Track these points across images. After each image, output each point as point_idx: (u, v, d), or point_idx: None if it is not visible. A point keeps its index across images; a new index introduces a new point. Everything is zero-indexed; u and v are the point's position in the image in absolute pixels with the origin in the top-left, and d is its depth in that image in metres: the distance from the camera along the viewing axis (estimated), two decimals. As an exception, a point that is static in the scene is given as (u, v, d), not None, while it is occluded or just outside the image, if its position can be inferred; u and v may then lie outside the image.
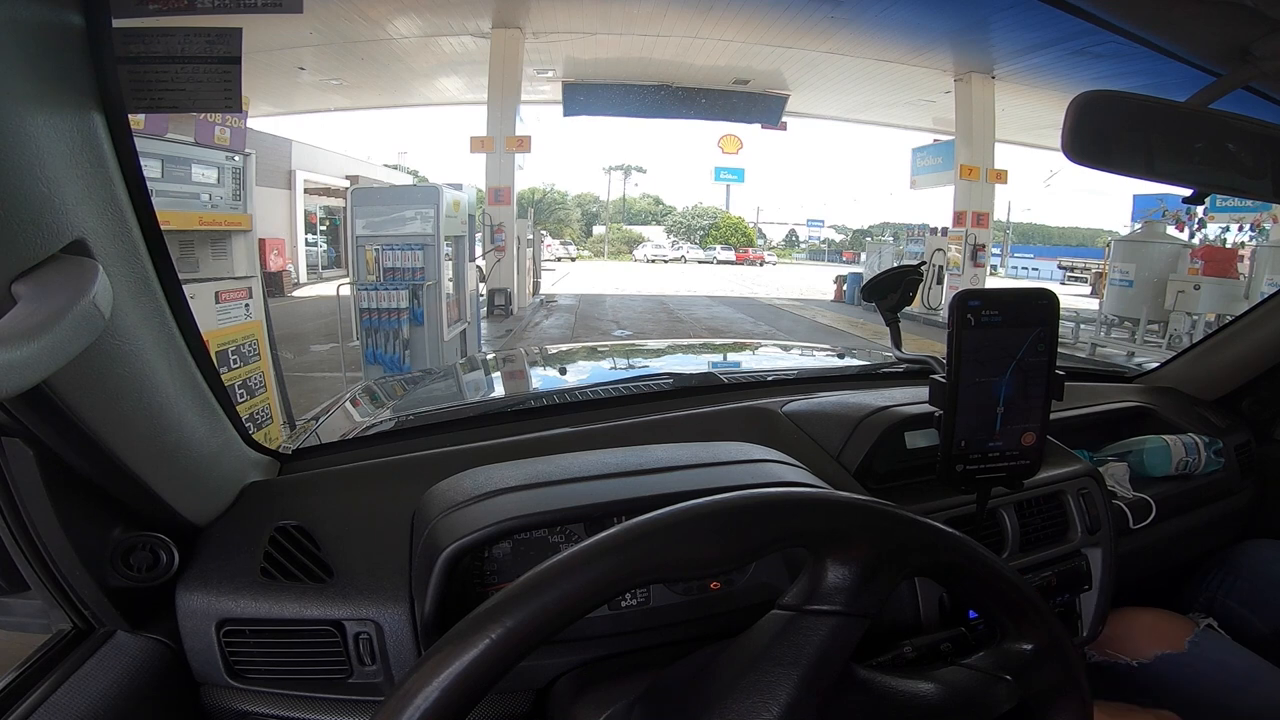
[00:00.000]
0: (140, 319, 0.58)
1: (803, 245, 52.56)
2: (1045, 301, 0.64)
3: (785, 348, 2.49)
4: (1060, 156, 0.72)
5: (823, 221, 53.69)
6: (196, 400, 0.68)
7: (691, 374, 1.36)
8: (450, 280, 5.73)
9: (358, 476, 0.85)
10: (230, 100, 0.62)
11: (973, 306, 0.63)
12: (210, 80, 0.61)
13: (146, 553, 0.66)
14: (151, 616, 0.68)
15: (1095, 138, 0.72)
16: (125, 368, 0.56)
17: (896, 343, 1.16)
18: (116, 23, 0.54)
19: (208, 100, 0.62)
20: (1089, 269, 23.50)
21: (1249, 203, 9.93)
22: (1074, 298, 16.14)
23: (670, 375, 1.19)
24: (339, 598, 0.68)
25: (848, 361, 1.65)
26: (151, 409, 0.60)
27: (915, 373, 1.22)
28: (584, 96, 14.17)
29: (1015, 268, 27.77)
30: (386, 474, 0.85)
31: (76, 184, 0.48)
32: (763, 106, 14.76)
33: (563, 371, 1.67)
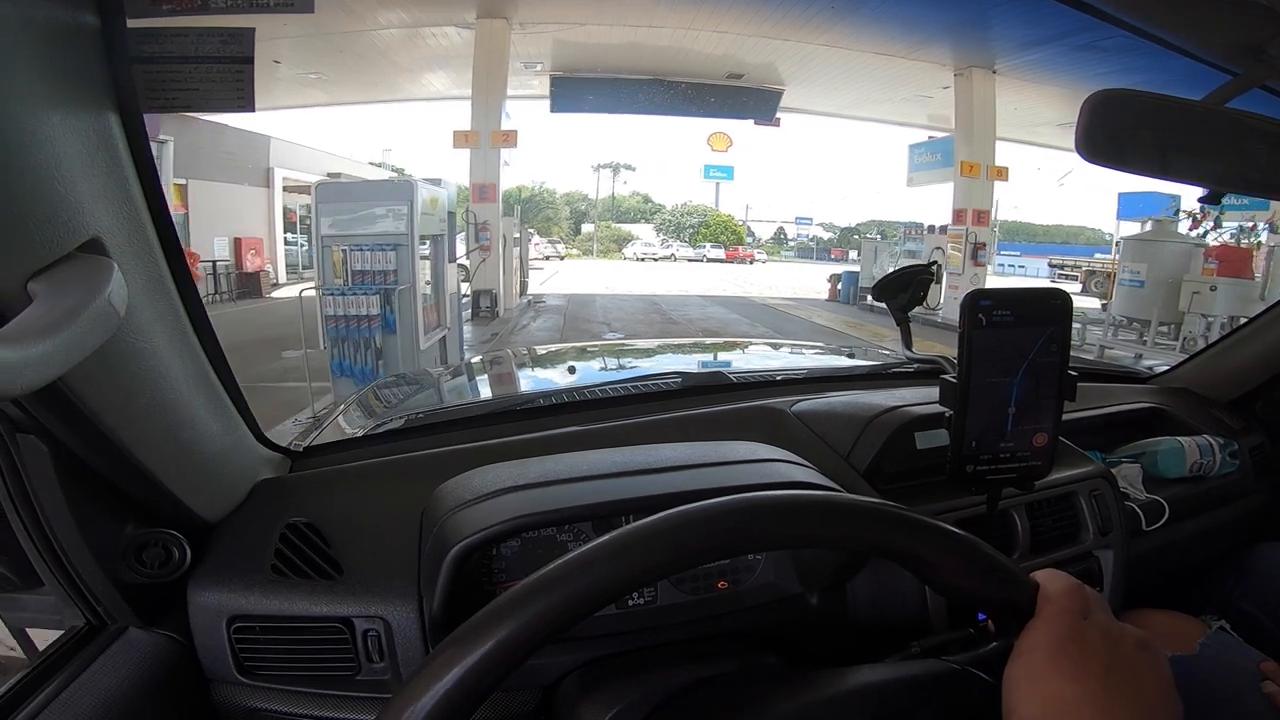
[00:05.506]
0: (154, 317, 0.58)
1: (791, 243, 52.44)
2: (1058, 301, 0.63)
3: (794, 348, 2.48)
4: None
5: (811, 219, 53.71)
6: (209, 397, 0.69)
7: (700, 373, 1.35)
8: (427, 283, 5.33)
9: (367, 474, 0.86)
10: (243, 99, 0.63)
11: (984, 306, 0.62)
12: (223, 80, 0.62)
13: (159, 549, 0.67)
14: (163, 613, 0.68)
15: (1110, 136, 0.71)
16: (139, 365, 0.56)
17: (907, 342, 1.15)
18: (131, 23, 0.54)
19: (221, 100, 0.62)
20: (1079, 267, 23.65)
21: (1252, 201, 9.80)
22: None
23: (679, 374, 1.19)
24: (348, 595, 0.69)
25: (857, 361, 1.64)
26: (165, 406, 0.61)
27: (925, 373, 1.21)
28: (572, 91, 13.81)
29: (1002, 264, 27.61)
30: (396, 472, 0.85)
31: (92, 183, 0.48)
32: (757, 102, 14.42)
33: (572, 371, 1.67)
